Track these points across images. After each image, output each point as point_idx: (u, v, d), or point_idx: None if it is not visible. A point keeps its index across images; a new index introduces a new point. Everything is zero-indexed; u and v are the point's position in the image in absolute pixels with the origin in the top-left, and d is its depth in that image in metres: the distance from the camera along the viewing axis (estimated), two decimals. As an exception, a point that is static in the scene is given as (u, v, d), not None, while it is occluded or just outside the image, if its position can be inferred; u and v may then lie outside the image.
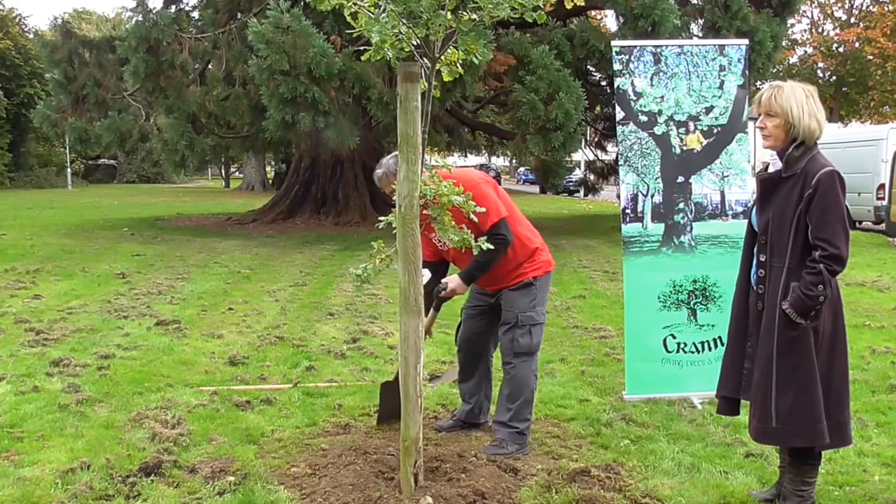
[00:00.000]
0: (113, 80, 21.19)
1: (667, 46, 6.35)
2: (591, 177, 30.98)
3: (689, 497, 4.34)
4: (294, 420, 5.73)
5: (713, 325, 6.22)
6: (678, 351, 6.22)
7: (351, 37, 16.24)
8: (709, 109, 6.24)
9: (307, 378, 6.85)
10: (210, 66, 19.69)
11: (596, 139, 29.00)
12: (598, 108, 26.29)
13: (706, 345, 6.25)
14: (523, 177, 63.00)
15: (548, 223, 23.44)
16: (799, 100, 3.98)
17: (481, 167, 65.90)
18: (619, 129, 6.30)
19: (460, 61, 4.11)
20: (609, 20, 28.48)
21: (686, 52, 6.28)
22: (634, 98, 6.26)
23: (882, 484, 4.57)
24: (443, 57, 4.07)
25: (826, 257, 3.84)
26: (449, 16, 3.72)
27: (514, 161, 72.91)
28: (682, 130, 6.24)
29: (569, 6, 3.88)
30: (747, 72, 6.31)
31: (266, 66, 15.34)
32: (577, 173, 40.93)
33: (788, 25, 24.36)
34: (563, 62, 17.32)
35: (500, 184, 5.49)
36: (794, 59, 46.35)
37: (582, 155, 32.45)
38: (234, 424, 5.58)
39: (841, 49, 44.77)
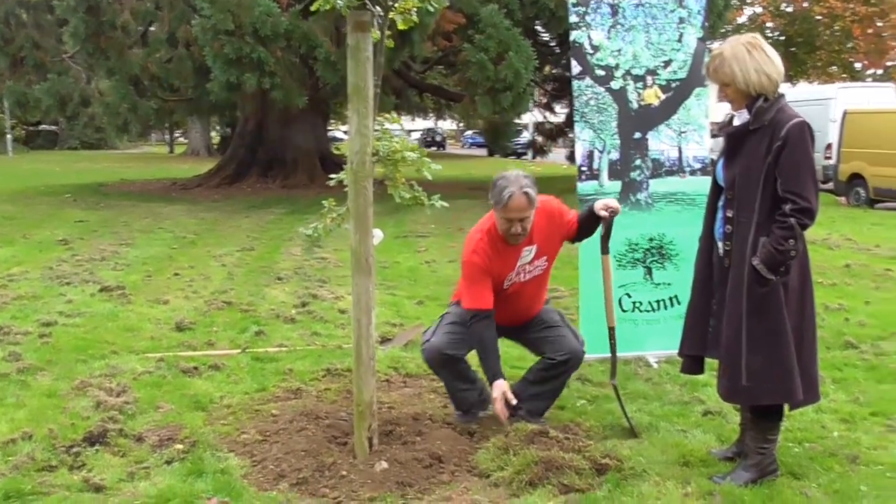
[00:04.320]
0: (52, 42, 20.55)
1: (624, -1, 6.21)
2: (540, 138, 30.94)
3: (649, 456, 4.27)
4: (243, 386, 5.57)
5: (669, 284, 6.15)
6: (634, 310, 6.13)
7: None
8: (667, 63, 6.11)
9: (256, 343, 6.68)
10: (153, 28, 19.09)
11: (545, 100, 28.90)
12: (547, 69, 26.18)
13: (662, 303, 6.18)
14: (470, 140, 62.60)
15: (498, 186, 23.31)
16: (741, 60, 3.87)
17: (428, 131, 65.67)
18: (574, 83, 6.15)
19: (415, 9, 3.94)
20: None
21: (644, 4, 6.11)
22: (591, 52, 6.10)
23: (841, 439, 4.55)
24: (396, 4, 3.89)
25: (797, 210, 3.75)
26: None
27: (461, 125, 72.72)
28: (639, 85, 6.10)
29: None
30: (706, 24, 6.19)
31: (210, 25, 14.99)
32: (525, 135, 40.96)
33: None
34: (512, 21, 17.11)
35: (445, 148, 5.25)
36: (743, 19, 46.53)
37: (531, 117, 32.39)
38: (182, 391, 5.40)
39: (790, 9, 45.00)
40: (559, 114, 29.25)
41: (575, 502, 3.73)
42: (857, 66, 45.63)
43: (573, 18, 6.16)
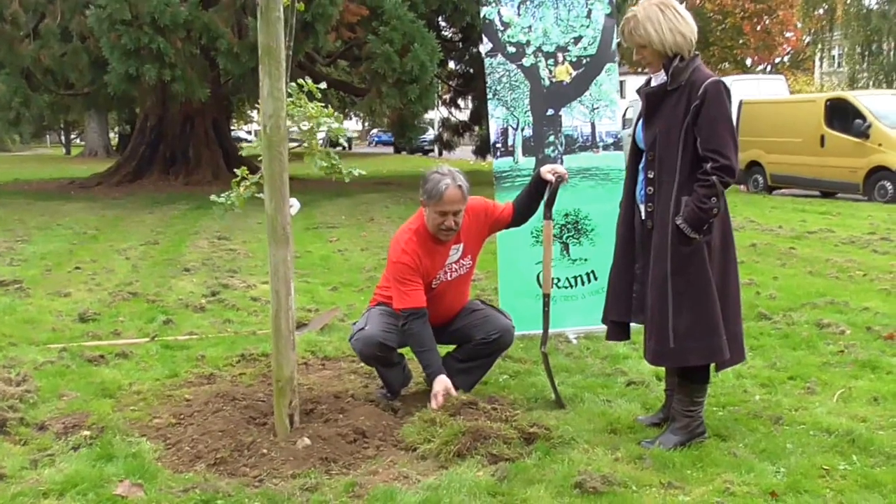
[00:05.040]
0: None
1: (533, -26, 6.17)
2: (446, 134, 30.94)
3: (576, 425, 4.22)
4: (153, 373, 5.33)
5: (586, 260, 6.15)
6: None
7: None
8: (577, 39, 6.11)
9: (165, 332, 6.43)
10: (45, 20, 18.31)
11: (449, 96, 28.91)
12: (451, 65, 26.23)
13: (579, 279, 6.17)
14: (376, 139, 62.51)
15: (404, 181, 23.26)
16: (656, 21, 3.87)
17: (333, 129, 64.99)
18: (486, 60, 6.10)
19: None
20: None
21: (553, -19, 6.11)
22: (501, 28, 6.06)
23: (763, 402, 4.59)
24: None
25: (718, 168, 3.74)
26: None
27: (366, 124, 72.38)
28: (550, 62, 6.08)
29: None
30: (614, 1, 6.20)
31: (106, 15, 14.50)
32: (431, 133, 40.91)
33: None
34: (416, 14, 17.05)
35: (351, 148, 5.12)
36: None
37: (436, 114, 32.35)
38: (87, 380, 5.13)
39: (683, 5, 46.03)
40: (464, 110, 29.30)
41: (505, 471, 3.65)
42: (748, 61, 46.98)
43: (483, -5, 6.12)
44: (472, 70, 24.12)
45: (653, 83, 3.99)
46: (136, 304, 7.46)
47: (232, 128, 33.37)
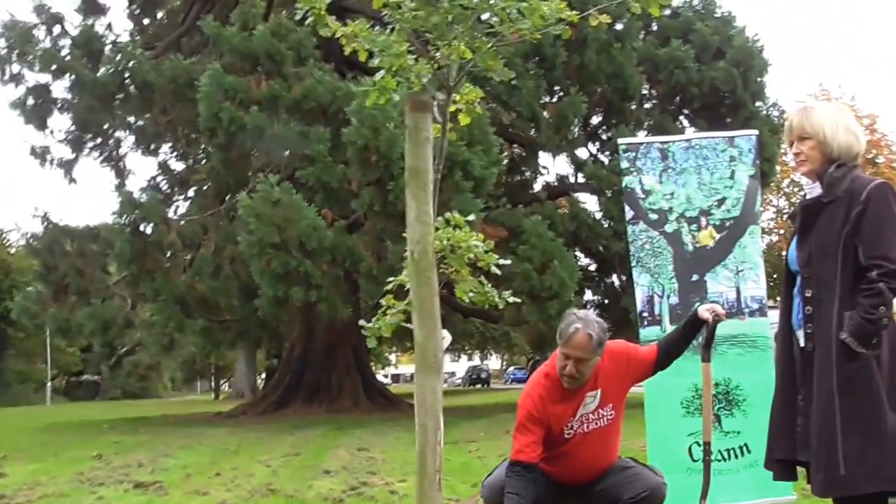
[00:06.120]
0: (96, 271, 20.83)
1: (674, 142, 6.18)
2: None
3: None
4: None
5: (739, 432, 5.74)
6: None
7: (341, 211, 16.30)
8: (721, 202, 5.96)
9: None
10: (200, 250, 19.41)
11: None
12: (587, 294, 26.25)
13: (732, 452, 5.74)
14: (512, 376, 62.73)
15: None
16: (831, 116, 3.68)
17: (473, 369, 65.56)
18: (629, 228, 6.02)
19: (478, 100, 3.86)
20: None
21: (695, 146, 6.07)
22: (643, 196, 6.00)
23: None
24: (458, 96, 3.80)
25: (884, 274, 3.40)
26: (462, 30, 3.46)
27: (503, 363, 72.55)
28: (693, 227, 5.95)
29: (594, 24, 3.62)
30: (758, 161, 6.10)
31: (256, 240, 15.22)
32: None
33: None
34: (555, 233, 17.33)
35: (489, 385, 4.96)
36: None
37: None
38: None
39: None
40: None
41: None
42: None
43: (624, 164, 6.14)
44: (607, 300, 24.01)
45: (807, 196, 3.78)
46: (274, 500, 7.29)
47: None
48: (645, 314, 5.91)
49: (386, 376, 61.64)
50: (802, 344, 3.70)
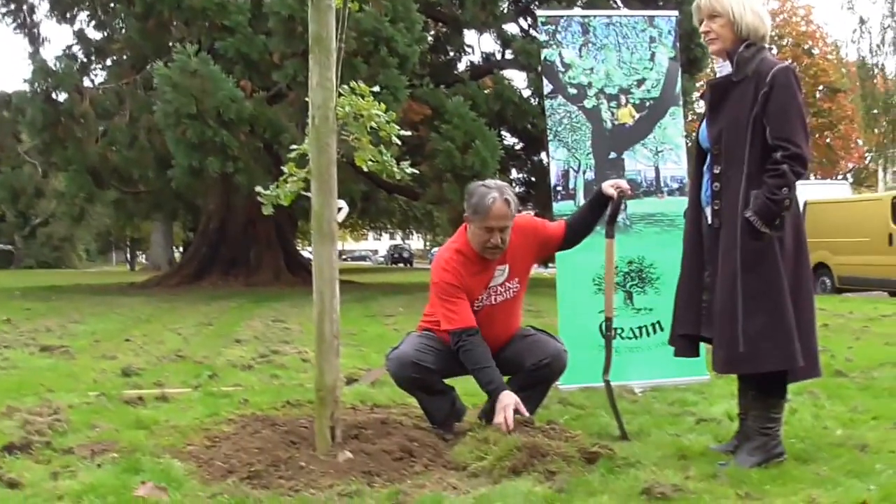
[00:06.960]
0: (7, 140, 20.12)
1: (595, 16, 6.07)
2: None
3: (643, 451, 3.83)
4: (193, 413, 5.01)
5: (651, 310, 5.82)
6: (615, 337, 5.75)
7: (262, 83, 15.87)
8: (640, 82, 5.94)
9: (209, 385, 6.15)
10: (115, 119, 18.79)
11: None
12: (512, 173, 26.25)
13: (644, 330, 5.84)
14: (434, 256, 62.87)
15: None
16: None
17: (395, 248, 65.74)
18: (547, 102, 5.95)
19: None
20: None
21: (615, 23, 5.99)
22: (562, 70, 5.92)
23: (845, 436, 4.13)
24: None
25: (788, 157, 3.46)
26: None
27: (427, 243, 72.84)
28: (613, 104, 5.90)
29: None
30: (678, 44, 6.03)
31: (172, 110, 14.75)
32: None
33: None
34: (478, 113, 17.17)
35: (412, 264, 4.83)
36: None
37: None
38: (123, 417, 4.85)
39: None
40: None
41: (564, 482, 3.27)
42: (812, 177, 46.64)
43: (543, 37, 6.05)
44: (533, 178, 24.04)
45: (717, 73, 3.76)
46: (182, 365, 7.24)
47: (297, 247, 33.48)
48: (559, 188, 5.89)
49: (311, 252, 61.11)
50: (710, 221, 3.72)
